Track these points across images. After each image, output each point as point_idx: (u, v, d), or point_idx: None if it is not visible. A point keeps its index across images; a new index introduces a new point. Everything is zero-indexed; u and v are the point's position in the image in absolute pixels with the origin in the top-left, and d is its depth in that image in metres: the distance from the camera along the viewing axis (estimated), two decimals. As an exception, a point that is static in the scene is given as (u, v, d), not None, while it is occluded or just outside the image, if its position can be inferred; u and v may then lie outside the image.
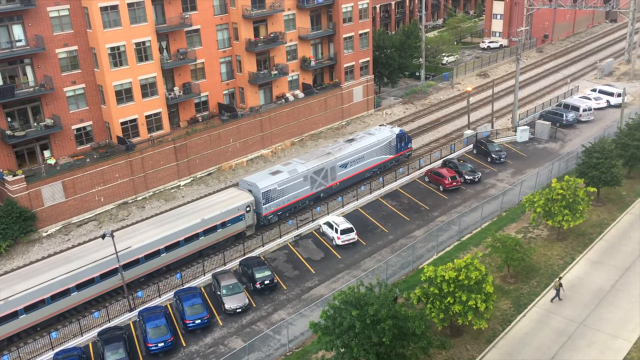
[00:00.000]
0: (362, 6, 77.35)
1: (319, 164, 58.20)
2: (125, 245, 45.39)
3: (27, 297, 41.12)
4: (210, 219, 49.94)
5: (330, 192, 60.23)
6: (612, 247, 48.41)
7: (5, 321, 40.50)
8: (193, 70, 66.82)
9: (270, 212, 54.89)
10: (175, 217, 50.04)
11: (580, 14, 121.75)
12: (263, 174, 56.20)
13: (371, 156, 62.71)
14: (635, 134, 56.92)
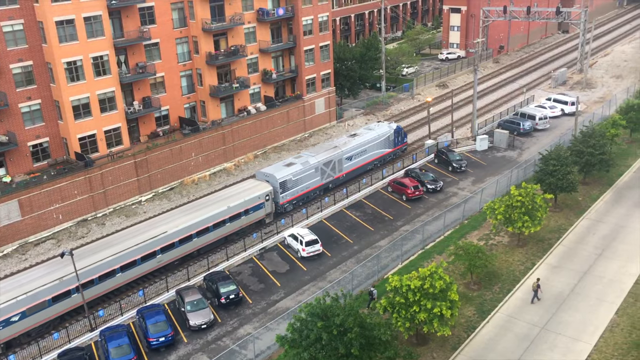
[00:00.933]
0: (322, 19, 77.97)
1: (328, 156, 62.36)
2: (162, 231, 49.23)
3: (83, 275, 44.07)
4: (235, 207, 53.74)
5: (337, 183, 64.34)
6: (570, 251, 49.61)
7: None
8: (153, 84, 66.10)
9: (287, 200, 58.71)
10: (203, 206, 53.70)
11: (534, 26, 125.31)
12: (278, 166, 59.98)
13: (372, 149, 67.13)
14: (589, 141, 58.64)
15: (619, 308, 41.97)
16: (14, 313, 40.92)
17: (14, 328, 41.28)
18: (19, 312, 41.20)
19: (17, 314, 41.10)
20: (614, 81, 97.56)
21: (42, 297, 42.34)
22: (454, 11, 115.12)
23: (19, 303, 41.26)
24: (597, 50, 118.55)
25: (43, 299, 42.42)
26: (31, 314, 41.95)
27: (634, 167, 64.54)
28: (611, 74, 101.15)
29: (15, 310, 40.98)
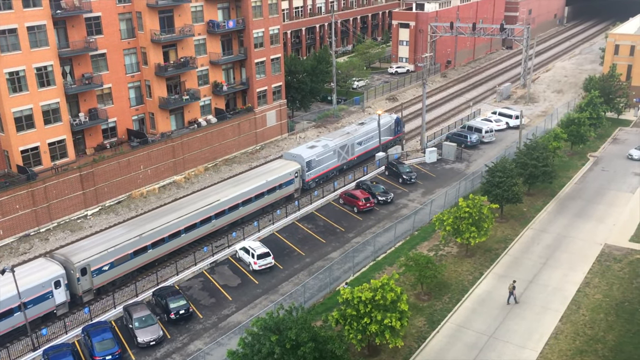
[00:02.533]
0: (273, 32, 78.13)
1: (343, 140, 69.90)
2: (215, 199, 55.78)
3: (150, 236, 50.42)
4: (272, 181, 60.94)
5: (350, 165, 71.71)
6: (516, 261, 50.97)
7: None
8: (100, 96, 64.63)
9: (311, 178, 66.02)
10: (243, 180, 60.35)
11: (480, 42, 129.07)
12: (302, 148, 67.48)
13: (376, 137, 74.15)
14: (533, 154, 60.60)
15: (563, 315, 43.33)
16: (105, 263, 47.55)
17: (104, 276, 47.98)
18: (109, 263, 47.86)
19: (108, 264, 47.79)
20: (555, 96, 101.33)
21: (126, 251, 48.93)
22: (402, 26, 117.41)
23: (109, 254, 47.91)
24: (539, 65, 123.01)
25: (126, 252, 48.96)
26: (118, 264, 48.54)
27: (575, 179, 67.02)
28: (553, 89, 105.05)
29: (106, 260, 47.66)
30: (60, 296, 45.06)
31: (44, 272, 44.62)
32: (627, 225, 55.91)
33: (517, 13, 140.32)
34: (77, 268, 45.90)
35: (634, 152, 71.47)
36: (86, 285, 46.82)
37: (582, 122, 71.08)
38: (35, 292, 43.27)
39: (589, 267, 49.24)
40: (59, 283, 44.83)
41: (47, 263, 46.21)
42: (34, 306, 43.25)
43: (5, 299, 41.47)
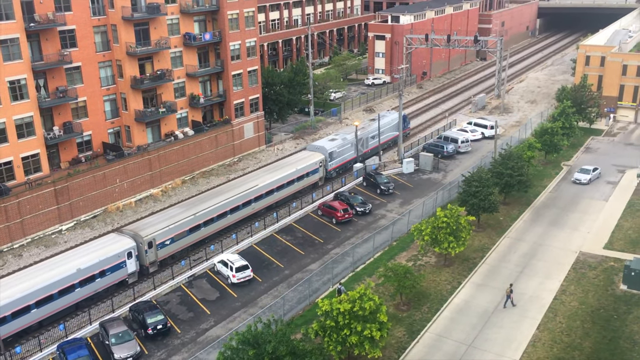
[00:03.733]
0: (250, 44, 78.22)
1: (359, 135, 75.23)
2: (254, 184, 61.69)
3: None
4: (301, 169, 66.98)
5: (365, 157, 77.11)
6: (493, 270, 51.44)
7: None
8: (74, 109, 63.90)
9: (333, 167, 71.92)
10: (276, 169, 66.26)
11: (454, 53, 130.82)
12: (324, 141, 73.64)
13: (387, 132, 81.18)
14: (508, 163, 61.40)
15: (540, 323, 43.78)
16: (167, 238, 52.93)
17: (166, 250, 53.20)
18: (170, 238, 53.23)
19: (169, 239, 53.16)
20: (529, 106, 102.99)
21: (183, 228, 54.39)
22: (378, 38, 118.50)
23: (170, 230, 53.19)
24: (513, 76, 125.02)
25: (184, 229, 54.39)
26: (177, 240, 53.77)
27: (549, 188, 68.04)
28: (526, 99, 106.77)
29: (168, 235, 53.01)
30: (131, 266, 50.65)
31: (118, 244, 50.24)
32: (601, 233, 56.85)
33: (490, 25, 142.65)
34: (145, 241, 51.55)
35: (580, 175, 68.46)
36: (152, 257, 52.41)
37: (555, 132, 72.29)
38: (112, 261, 48.86)
39: (564, 275, 49.91)
40: (131, 254, 50.36)
41: (119, 237, 51.99)
42: (111, 274, 48.86)
43: (89, 266, 47.17)
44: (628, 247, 54.17)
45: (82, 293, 47.15)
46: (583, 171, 69.01)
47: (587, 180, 67.67)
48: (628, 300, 46.21)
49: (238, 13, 75.23)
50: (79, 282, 46.67)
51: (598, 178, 69.27)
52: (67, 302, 46.32)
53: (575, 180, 68.28)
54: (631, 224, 58.44)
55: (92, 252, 48.82)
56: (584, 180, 67.78)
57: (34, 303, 44.03)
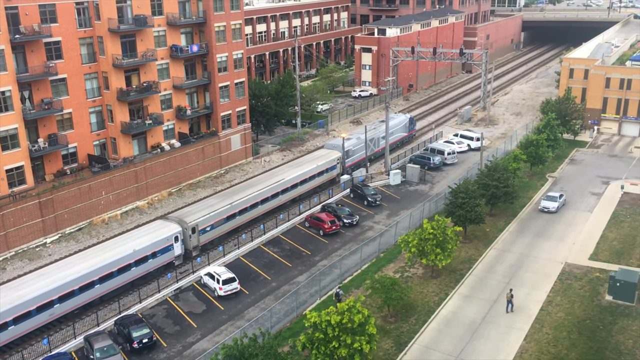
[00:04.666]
0: (237, 56, 78.31)
1: (371, 135, 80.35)
2: (281, 178, 66.63)
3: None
4: (322, 165, 72.04)
5: (376, 156, 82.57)
6: (480, 281, 51.57)
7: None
8: (60, 121, 63.45)
9: (349, 165, 77.21)
10: (299, 165, 71.43)
11: (440, 66, 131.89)
12: (340, 139, 77.70)
13: (396, 132, 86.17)
14: (494, 175, 61.82)
15: (527, 334, 43.90)
16: (207, 224, 57.45)
17: (207, 235, 57.90)
18: (210, 224, 57.80)
19: (209, 225, 57.70)
20: (514, 118, 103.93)
21: (222, 216, 59.08)
22: (365, 51, 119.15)
23: (211, 218, 57.79)
24: (498, 89, 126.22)
25: (222, 217, 59.05)
26: (216, 227, 58.53)
27: (535, 199, 68.51)
28: (511, 112, 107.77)
29: (208, 222, 57.56)
30: (177, 249, 55.11)
31: (166, 229, 54.86)
32: (586, 244, 57.29)
33: (475, 38, 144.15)
34: (190, 227, 56.22)
35: (547, 203, 64.04)
36: (195, 241, 56.93)
37: (540, 144, 72.97)
38: (162, 244, 53.58)
39: (550, 286, 50.16)
40: (177, 238, 54.95)
41: (166, 223, 56.48)
42: (161, 255, 53.56)
43: (143, 247, 51.87)
44: (613, 257, 54.61)
45: (137, 272, 51.91)
46: (550, 198, 64.82)
47: (555, 208, 63.37)
48: (614, 310, 46.52)
49: (225, 25, 75.36)
50: (134, 262, 51.47)
51: (564, 205, 65.43)
52: (125, 279, 51.16)
53: (543, 209, 63.87)
54: (616, 234, 58.97)
55: (144, 235, 53.83)
56: (552, 208, 63.41)
57: (98, 279, 48.76)
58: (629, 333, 43.72)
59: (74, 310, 47.63)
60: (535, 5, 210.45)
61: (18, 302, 43.62)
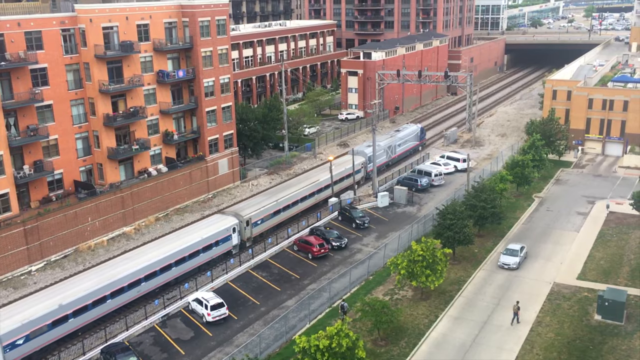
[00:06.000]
0: (224, 81, 78.66)
1: (389, 142, 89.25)
2: (315, 179, 74.24)
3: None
4: (348, 169, 78.92)
5: (393, 162, 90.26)
6: (470, 302, 51.48)
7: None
8: (45, 147, 63.08)
9: (370, 170, 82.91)
10: (326, 169, 76.08)
11: (426, 88, 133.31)
12: (363, 146, 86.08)
13: (409, 141, 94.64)
14: (481, 196, 62.15)
15: (518, 356, 43.75)
16: (259, 218, 64.83)
17: (258, 229, 65.14)
18: (261, 219, 65.23)
19: (260, 219, 65.10)
20: (500, 139, 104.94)
21: (270, 211, 66.53)
22: (351, 74, 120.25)
23: (261, 212, 65.40)
24: (483, 110, 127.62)
25: (270, 212, 66.37)
26: (265, 220, 65.94)
27: (522, 219, 68.88)
28: (497, 133, 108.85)
29: (259, 217, 65.00)
30: (235, 239, 61.94)
31: (225, 221, 61.58)
32: (574, 264, 57.52)
33: (459, 61, 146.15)
34: (245, 220, 63.05)
35: (507, 258, 56.59)
36: (248, 233, 63.64)
37: (526, 164, 73.63)
38: (223, 234, 60.21)
39: (540, 306, 50.18)
40: (235, 229, 61.74)
41: (223, 216, 63.44)
42: (222, 244, 60.21)
43: (206, 237, 58.34)
44: (601, 277, 54.86)
45: (204, 257, 58.35)
46: (510, 252, 57.13)
47: (516, 264, 55.95)
48: (603, 330, 46.57)
49: (212, 50, 75.80)
50: (202, 249, 57.89)
51: (526, 258, 58.23)
52: (194, 264, 57.48)
53: (503, 265, 56.27)
54: (603, 254, 59.31)
55: (206, 227, 60.27)
56: (512, 264, 55.85)
57: (174, 262, 55.29)
58: (619, 353, 43.73)
59: (155, 290, 54.23)
60: (517, 28, 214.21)
61: (115, 278, 50.44)
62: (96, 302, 48.62)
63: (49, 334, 45.60)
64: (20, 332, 43.57)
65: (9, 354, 42.86)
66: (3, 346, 41.92)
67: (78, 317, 47.41)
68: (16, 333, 43.31)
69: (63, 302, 46.53)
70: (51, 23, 61.45)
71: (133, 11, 67.49)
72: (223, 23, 76.68)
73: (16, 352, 43.40)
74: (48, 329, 45.36)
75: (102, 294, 49.00)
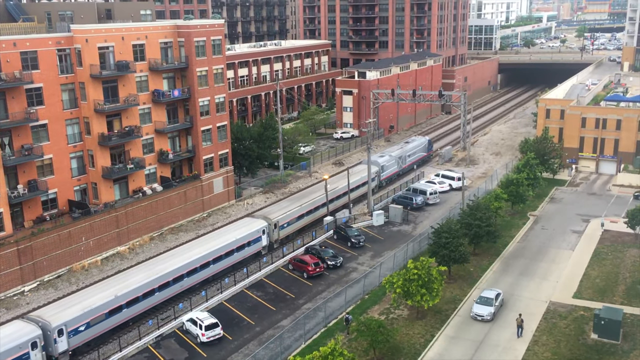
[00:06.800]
0: (219, 100, 78.92)
1: (400, 153, 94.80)
2: (335, 187, 78.43)
3: None
4: (362, 178, 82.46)
5: (404, 172, 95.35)
6: (466, 321, 51.21)
7: None
8: (40, 167, 62.92)
9: (384, 177, 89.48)
10: (343, 177, 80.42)
11: (420, 107, 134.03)
12: (375, 157, 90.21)
13: (418, 152, 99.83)
14: (477, 214, 62.19)
15: (514, 375, 43.40)
16: (285, 222, 69.49)
17: (285, 231, 69.67)
18: (287, 222, 69.81)
19: (286, 222, 69.84)
20: (494, 158, 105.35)
21: (294, 215, 70.85)
22: (346, 93, 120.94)
23: (287, 216, 69.88)
24: (477, 129, 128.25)
25: (294, 216, 70.97)
26: (291, 224, 70.36)
27: (517, 238, 68.89)
28: (491, 151, 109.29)
29: (286, 220, 69.63)
30: (264, 241, 66.40)
31: (256, 223, 66.32)
32: (570, 282, 57.44)
33: (453, 80, 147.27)
34: (273, 223, 67.82)
35: (480, 308, 50.88)
36: (276, 235, 68.05)
37: (521, 183, 73.82)
38: (254, 236, 64.84)
39: (536, 325, 49.96)
40: (264, 231, 66.15)
41: (253, 219, 68.10)
42: (253, 245, 64.83)
43: (239, 237, 63.13)
44: (597, 295, 54.76)
45: (237, 257, 62.62)
46: (484, 302, 51.44)
47: (490, 315, 50.41)
48: (600, 349, 46.35)
49: (207, 70, 76.16)
50: (236, 248, 62.30)
51: (502, 306, 52.84)
52: (229, 262, 61.78)
53: (476, 316, 50.67)
54: (598, 272, 59.28)
55: (238, 229, 65.02)
56: (486, 315, 50.34)
57: (212, 260, 59.56)
58: (616, 371, 43.48)
59: (196, 285, 58.39)
60: (510, 48, 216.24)
61: (162, 273, 54.85)
62: (146, 294, 53.16)
63: (106, 322, 49.97)
64: (83, 319, 48.12)
65: (72, 338, 47.32)
66: (68, 331, 46.77)
67: (130, 307, 51.83)
68: (79, 320, 47.83)
69: (118, 293, 50.94)
70: (47, 43, 61.71)
71: (129, 31, 67.91)
72: (218, 43, 77.16)
73: (78, 337, 47.89)
74: (105, 318, 49.79)
75: (150, 287, 53.56)
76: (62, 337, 46.28)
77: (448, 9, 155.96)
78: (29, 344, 44.36)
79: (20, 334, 44.53)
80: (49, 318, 46.70)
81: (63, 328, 46.35)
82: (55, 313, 47.62)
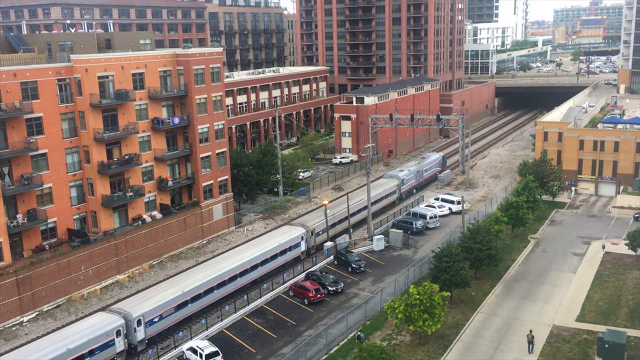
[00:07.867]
0: (218, 127, 79.30)
1: (418, 167, 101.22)
2: (360, 199, 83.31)
3: None
4: (387, 189, 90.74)
5: (420, 186, 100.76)
6: (468, 347, 50.73)
7: None
8: (39, 196, 62.91)
9: (404, 191, 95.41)
10: (372, 187, 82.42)
11: (418, 131, 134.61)
12: (396, 171, 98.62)
13: (433, 167, 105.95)
14: (477, 237, 62.02)
15: (519, 401, 42.81)
16: (320, 229, 74.66)
17: (321, 237, 74.72)
18: (322, 229, 75.21)
19: (321, 230, 75.08)
20: (493, 181, 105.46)
21: (337, 219, 77.88)
22: (344, 119, 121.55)
23: (322, 224, 74.89)
24: (476, 153, 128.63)
25: (335, 221, 77.28)
26: (325, 231, 75.51)
27: (518, 261, 68.60)
28: (490, 175, 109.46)
29: (322, 227, 75.01)
30: (303, 246, 71.76)
31: (294, 231, 71.90)
32: (572, 306, 57.04)
33: (451, 104, 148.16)
34: (310, 230, 73.11)
35: None
36: (312, 242, 73.78)
37: (520, 206, 73.80)
38: (295, 241, 70.40)
39: (539, 350, 49.47)
40: (303, 237, 71.81)
41: (292, 227, 73.50)
42: (294, 250, 70.14)
43: (283, 242, 68.43)
44: (600, 318, 54.33)
45: (281, 260, 68.05)
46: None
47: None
48: (604, 373, 45.83)
49: (206, 97, 76.70)
50: (280, 252, 67.71)
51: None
52: (273, 265, 67.02)
53: None
54: (601, 295, 58.91)
55: (279, 235, 70.39)
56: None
57: (260, 262, 65.03)
58: (622, 396, 42.90)
59: (246, 285, 63.45)
60: (507, 72, 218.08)
61: (220, 272, 60.27)
62: (207, 291, 58.56)
63: (174, 315, 55.22)
64: (157, 311, 53.46)
65: (149, 328, 52.64)
66: (145, 322, 52.17)
67: (195, 302, 57.13)
68: (154, 312, 53.17)
69: (185, 289, 56.25)
70: (47, 73, 62.24)
71: (128, 60, 68.55)
72: (217, 71, 77.85)
73: (153, 328, 53.17)
74: (174, 311, 55.02)
75: (210, 285, 58.95)
76: (140, 327, 51.75)
77: (444, 35, 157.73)
78: (114, 331, 49.94)
79: (106, 323, 50.34)
80: (130, 309, 52.27)
81: (141, 319, 51.85)
82: (134, 305, 53.26)
